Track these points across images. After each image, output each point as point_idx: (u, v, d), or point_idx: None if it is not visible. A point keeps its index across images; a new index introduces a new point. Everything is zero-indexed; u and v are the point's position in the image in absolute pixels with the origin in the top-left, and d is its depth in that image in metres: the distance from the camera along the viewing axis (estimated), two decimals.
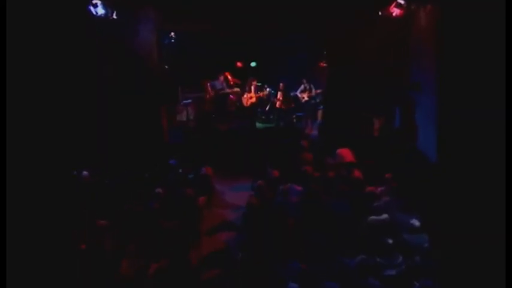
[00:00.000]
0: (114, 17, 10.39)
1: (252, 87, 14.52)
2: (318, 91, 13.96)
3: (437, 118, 8.97)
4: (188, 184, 8.83)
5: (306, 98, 14.16)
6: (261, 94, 14.53)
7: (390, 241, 6.21)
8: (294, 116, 14.76)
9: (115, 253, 6.46)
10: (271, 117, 14.95)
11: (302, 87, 14.30)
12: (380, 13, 10.66)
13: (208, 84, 14.41)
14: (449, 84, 8.02)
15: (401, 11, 10.24)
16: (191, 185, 8.79)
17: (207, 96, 14.54)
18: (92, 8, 9.91)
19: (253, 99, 14.39)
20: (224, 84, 14.46)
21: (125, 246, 6.65)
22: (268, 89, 14.98)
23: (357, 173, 8.77)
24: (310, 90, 14.10)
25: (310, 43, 13.83)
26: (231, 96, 15.10)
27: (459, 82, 7.36)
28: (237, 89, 14.68)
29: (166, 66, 13.39)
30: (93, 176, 8.69)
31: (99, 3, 9.93)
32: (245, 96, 14.41)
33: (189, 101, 14.67)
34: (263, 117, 14.96)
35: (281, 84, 14.47)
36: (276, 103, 14.58)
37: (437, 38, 8.87)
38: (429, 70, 9.47)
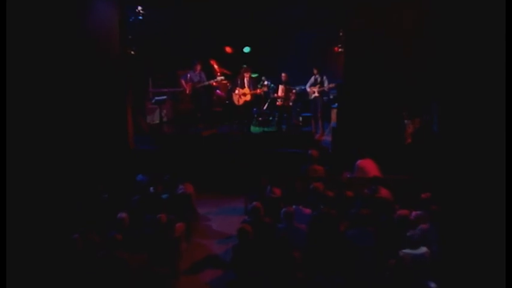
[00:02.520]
0: None
1: (246, 80, 14.41)
2: (331, 85, 13.85)
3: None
4: (161, 207, 8.69)
5: (316, 94, 14.04)
6: (258, 90, 14.41)
7: (432, 285, 6.11)
8: (301, 117, 14.71)
9: None
10: (271, 118, 14.87)
11: (312, 79, 14.20)
12: None
13: (182, 77, 14.35)
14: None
15: None
16: (165, 208, 8.66)
17: (187, 91, 14.45)
18: None
19: (248, 97, 14.28)
20: (203, 76, 14.37)
21: None
22: (266, 83, 14.89)
23: (384, 192, 8.72)
24: (322, 84, 13.97)
25: (321, 21, 13.81)
26: (217, 91, 14.99)
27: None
28: (221, 78, 14.56)
29: (132, 52, 13.32)
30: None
31: None
32: (236, 92, 14.30)
33: (163, 97, 14.62)
34: (260, 118, 14.87)
35: (283, 75, 14.37)
36: (276, 100, 14.47)
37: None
38: None
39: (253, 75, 14.79)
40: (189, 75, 14.27)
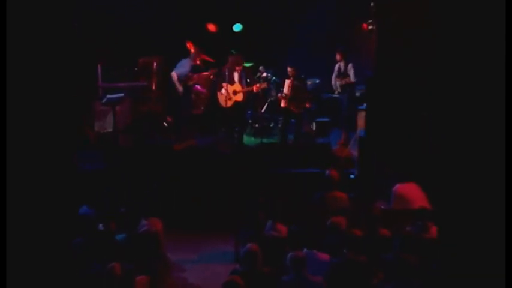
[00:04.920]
0: None
1: (237, 73, 14.42)
2: (349, 80, 13.83)
3: None
4: (115, 253, 8.69)
5: (339, 89, 14.06)
6: (254, 87, 14.38)
7: None
8: (314, 123, 14.77)
9: None
10: (272, 125, 14.90)
11: (336, 68, 14.23)
12: None
13: (176, 68, 14.42)
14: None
15: None
16: (121, 254, 8.66)
17: (153, 86, 14.47)
18: None
19: (239, 96, 14.27)
20: (191, 63, 14.46)
21: None
22: (265, 74, 14.91)
23: (436, 231, 8.67)
24: (345, 75, 13.98)
25: None
26: (196, 87, 15.02)
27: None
28: (206, 74, 14.57)
29: (74, 28, 13.29)
30: None
31: None
32: (223, 89, 14.32)
33: (119, 95, 14.58)
34: (257, 125, 14.90)
35: (289, 69, 14.30)
36: (280, 100, 14.48)
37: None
38: None
39: (247, 65, 14.81)
40: (181, 65, 14.35)
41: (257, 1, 15.33)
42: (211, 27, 15.67)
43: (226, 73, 14.29)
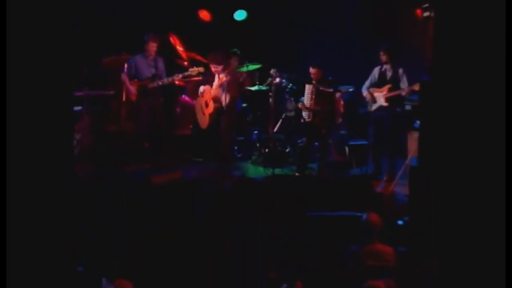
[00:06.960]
0: None
1: (217, 79, 14.38)
2: (414, 87, 13.75)
3: None
4: None
5: (384, 103, 13.96)
6: (220, 78, 14.16)
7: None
8: (347, 148, 14.87)
9: None
10: (288, 150, 14.95)
11: (376, 73, 14.19)
12: None
13: (126, 69, 14.37)
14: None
15: None
16: None
17: (123, 96, 14.45)
18: None
19: (211, 106, 14.13)
20: (161, 66, 14.47)
21: None
22: (278, 80, 14.89)
23: None
24: (395, 83, 13.90)
25: None
26: (183, 97, 15.14)
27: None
28: (197, 70, 14.51)
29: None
30: None
31: None
32: (199, 99, 14.28)
33: (76, 108, 14.59)
34: (266, 150, 14.83)
35: (312, 70, 14.27)
36: (301, 113, 14.42)
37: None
38: None
39: (253, 66, 14.80)
40: (133, 64, 14.29)
41: None
42: (204, 14, 15.71)
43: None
